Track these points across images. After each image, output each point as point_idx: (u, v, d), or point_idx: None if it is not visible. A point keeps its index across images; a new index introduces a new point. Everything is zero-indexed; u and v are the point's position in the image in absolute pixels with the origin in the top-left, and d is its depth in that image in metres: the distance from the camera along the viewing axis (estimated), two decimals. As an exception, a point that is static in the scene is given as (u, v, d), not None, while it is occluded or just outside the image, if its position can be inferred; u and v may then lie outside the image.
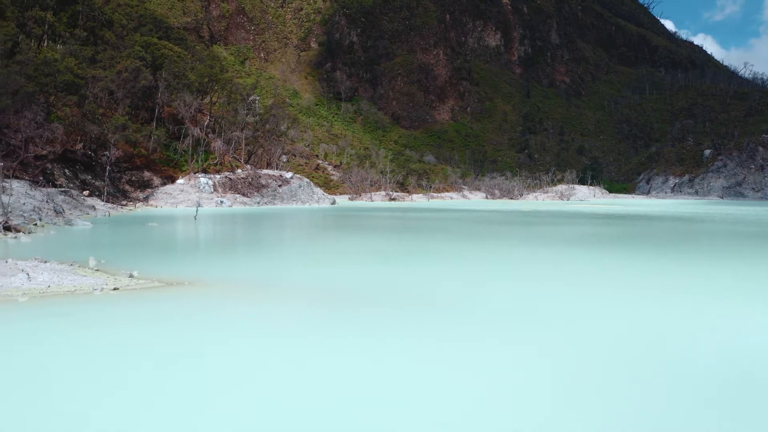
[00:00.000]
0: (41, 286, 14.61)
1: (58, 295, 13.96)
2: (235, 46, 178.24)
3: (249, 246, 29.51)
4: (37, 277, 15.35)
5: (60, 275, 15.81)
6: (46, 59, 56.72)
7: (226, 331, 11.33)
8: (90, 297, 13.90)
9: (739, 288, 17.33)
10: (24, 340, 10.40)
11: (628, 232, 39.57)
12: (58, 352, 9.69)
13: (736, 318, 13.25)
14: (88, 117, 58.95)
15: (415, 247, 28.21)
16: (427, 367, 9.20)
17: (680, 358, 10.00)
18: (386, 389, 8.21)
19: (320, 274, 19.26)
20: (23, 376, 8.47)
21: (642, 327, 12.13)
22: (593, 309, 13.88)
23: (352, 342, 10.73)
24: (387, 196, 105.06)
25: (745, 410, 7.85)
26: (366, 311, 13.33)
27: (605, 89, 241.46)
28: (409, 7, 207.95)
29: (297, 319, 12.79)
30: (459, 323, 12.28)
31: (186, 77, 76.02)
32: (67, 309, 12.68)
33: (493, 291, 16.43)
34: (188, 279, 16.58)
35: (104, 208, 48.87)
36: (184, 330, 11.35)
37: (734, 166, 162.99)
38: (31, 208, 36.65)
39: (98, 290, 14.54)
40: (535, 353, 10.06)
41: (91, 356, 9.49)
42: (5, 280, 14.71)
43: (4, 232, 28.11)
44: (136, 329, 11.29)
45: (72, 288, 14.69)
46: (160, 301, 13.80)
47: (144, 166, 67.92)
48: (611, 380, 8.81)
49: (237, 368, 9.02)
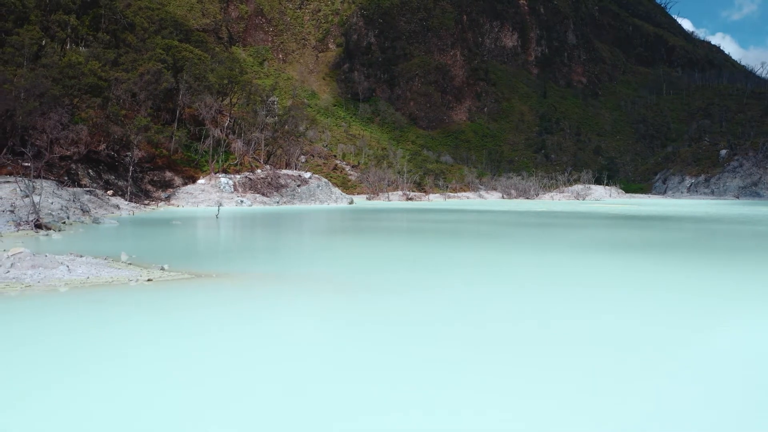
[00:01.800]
0: (81, 278, 15.78)
1: (97, 285, 15.12)
2: (253, 48, 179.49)
3: (269, 243, 30.63)
4: (76, 269, 16.51)
5: (97, 268, 16.98)
6: (70, 62, 58.07)
7: (255, 314, 12.73)
8: (126, 287, 15.06)
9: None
10: (70, 322, 11.59)
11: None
12: (102, 331, 10.84)
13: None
14: (111, 118, 60.23)
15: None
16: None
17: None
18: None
19: (337, 267, 20.42)
20: (77, 350, 9.64)
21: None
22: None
23: (365, 325, 11.87)
24: (404, 196, 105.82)
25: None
26: (383, 299, 14.49)
27: (622, 89, 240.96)
28: (426, 8, 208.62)
29: (315, 304, 14.08)
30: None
31: (206, 79, 77.23)
32: (106, 297, 13.85)
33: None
34: (215, 272, 17.76)
35: (128, 208, 50.19)
36: (217, 313, 12.58)
37: (750, 166, 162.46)
38: (58, 207, 37.95)
39: (133, 281, 15.71)
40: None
41: (134, 334, 10.68)
42: (47, 272, 15.89)
43: (36, 230, 29.40)
44: (172, 313, 12.56)
45: (109, 279, 15.86)
46: (192, 291, 15.03)
47: (165, 166, 69.21)
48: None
49: (267, 344, 10.22)
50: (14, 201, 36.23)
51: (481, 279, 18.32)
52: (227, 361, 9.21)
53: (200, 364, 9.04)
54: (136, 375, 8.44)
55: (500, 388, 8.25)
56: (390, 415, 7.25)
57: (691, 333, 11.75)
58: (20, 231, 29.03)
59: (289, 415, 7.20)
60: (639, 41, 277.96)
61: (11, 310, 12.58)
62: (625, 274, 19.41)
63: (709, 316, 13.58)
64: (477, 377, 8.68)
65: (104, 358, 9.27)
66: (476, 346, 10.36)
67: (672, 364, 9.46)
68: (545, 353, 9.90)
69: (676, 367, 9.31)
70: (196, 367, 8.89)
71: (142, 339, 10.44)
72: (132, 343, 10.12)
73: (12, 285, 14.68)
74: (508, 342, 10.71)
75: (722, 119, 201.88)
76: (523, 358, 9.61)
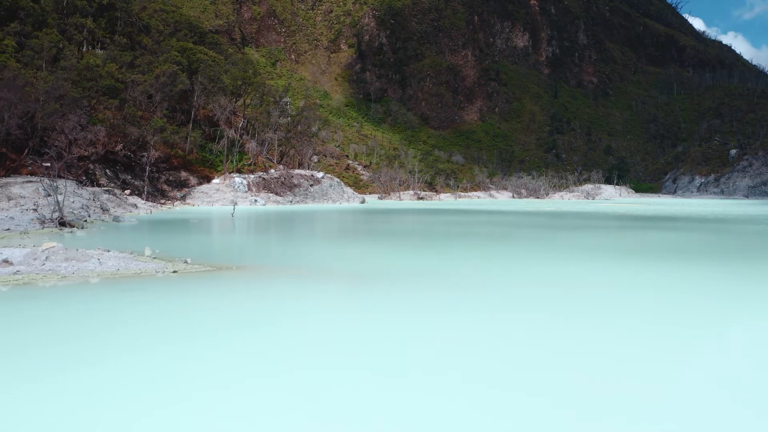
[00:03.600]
0: (111, 270, 17.04)
1: (127, 276, 16.39)
2: (266, 48, 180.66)
3: (283, 240, 31.87)
4: (106, 262, 17.77)
5: (125, 261, 18.24)
6: (88, 65, 59.52)
7: (274, 300, 14.20)
8: (154, 278, 16.34)
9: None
10: (105, 307, 12.86)
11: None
12: (135, 314, 12.12)
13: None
14: (128, 119, 61.61)
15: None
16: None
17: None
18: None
19: (348, 261, 21.71)
20: (120, 328, 10.92)
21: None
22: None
23: (373, 308, 13.14)
24: (415, 195, 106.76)
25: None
26: (394, 289, 15.75)
27: (633, 89, 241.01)
28: (437, 8, 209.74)
29: (327, 292, 15.53)
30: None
31: (220, 81, 78.57)
32: (137, 286, 15.16)
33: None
34: (235, 264, 19.11)
35: (145, 206, 51.49)
36: (240, 299, 14.11)
37: (759, 166, 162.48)
38: (79, 206, 39.27)
39: (160, 273, 16.97)
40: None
41: (164, 316, 12.01)
42: (81, 265, 17.15)
43: (60, 228, 30.73)
44: (198, 299, 13.92)
45: (138, 271, 17.11)
46: (215, 280, 16.39)
47: (181, 166, 70.58)
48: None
49: (285, 325, 11.50)
50: (37, 200, 37.64)
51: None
52: (251, 335, 10.55)
53: (227, 338, 10.31)
54: (173, 350, 9.73)
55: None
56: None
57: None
58: (45, 228, 30.33)
59: (303, 378, 8.41)
60: (650, 41, 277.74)
61: (52, 297, 13.95)
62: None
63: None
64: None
65: (141, 335, 10.55)
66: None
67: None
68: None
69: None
70: (222, 340, 10.17)
71: (172, 320, 11.79)
72: (164, 323, 11.43)
73: (49, 276, 15.96)
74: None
75: (732, 119, 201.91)
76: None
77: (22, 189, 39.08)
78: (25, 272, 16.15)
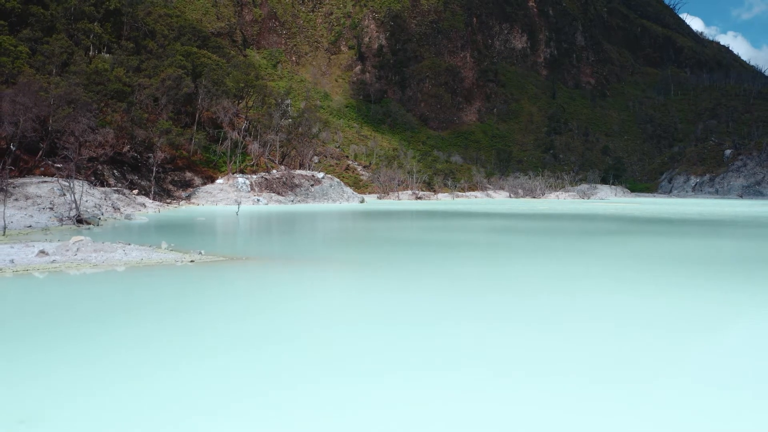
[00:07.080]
0: (136, 259, 19.36)
1: (150, 265, 18.71)
2: (267, 50, 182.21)
3: (287, 234, 34.13)
4: (130, 253, 20.09)
5: (146, 252, 20.55)
6: (97, 69, 61.63)
7: (283, 285, 16.65)
8: (173, 266, 18.67)
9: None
10: (132, 290, 15.21)
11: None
12: (160, 295, 14.47)
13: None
14: (135, 122, 63.63)
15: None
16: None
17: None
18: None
19: (348, 252, 24.07)
20: (154, 305, 13.27)
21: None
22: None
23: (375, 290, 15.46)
24: (413, 195, 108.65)
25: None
26: (390, 273, 18.09)
27: (630, 90, 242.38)
28: (436, 10, 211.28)
29: (331, 277, 17.96)
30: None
31: (224, 84, 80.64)
32: (160, 273, 17.60)
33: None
34: (246, 255, 21.63)
35: (153, 206, 53.74)
36: (253, 283, 16.63)
37: (754, 166, 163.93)
38: (92, 205, 41.51)
39: (179, 262, 19.30)
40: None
41: (185, 298, 14.36)
42: (108, 255, 19.46)
43: (78, 225, 33.07)
44: (214, 284, 16.30)
45: (159, 260, 19.43)
46: (229, 269, 18.82)
47: (186, 167, 72.74)
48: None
49: (295, 308, 13.82)
50: (53, 199, 39.88)
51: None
52: (264, 313, 13.00)
53: (243, 315, 12.71)
54: (201, 319, 12.09)
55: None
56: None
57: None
58: (63, 226, 32.67)
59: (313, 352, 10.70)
60: (647, 42, 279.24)
61: (92, 281, 16.36)
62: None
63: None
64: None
65: (173, 308, 12.95)
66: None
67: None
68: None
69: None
70: (239, 317, 12.59)
71: (193, 301, 14.23)
72: (186, 303, 13.81)
73: (82, 264, 18.30)
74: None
75: (729, 119, 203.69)
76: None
77: (38, 189, 41.15)
78: (60, 261, 18.48)
